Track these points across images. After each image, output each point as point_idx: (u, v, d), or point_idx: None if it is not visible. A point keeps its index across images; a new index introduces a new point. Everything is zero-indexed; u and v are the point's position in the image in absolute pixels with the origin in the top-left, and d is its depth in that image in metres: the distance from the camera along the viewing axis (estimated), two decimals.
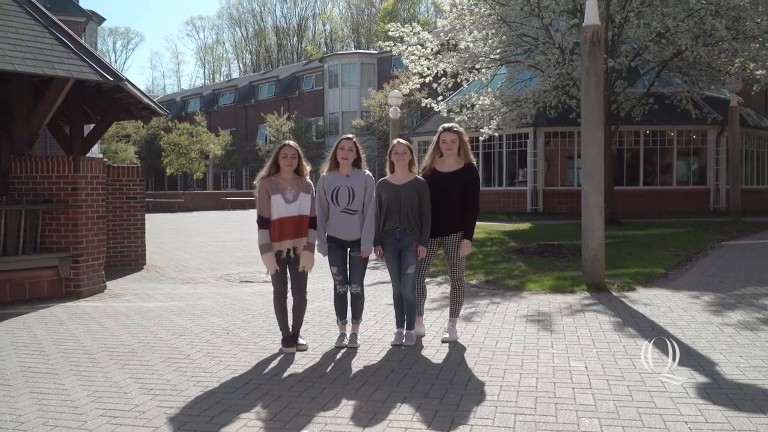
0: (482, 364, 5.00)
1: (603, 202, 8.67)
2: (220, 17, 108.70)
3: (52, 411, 4.06)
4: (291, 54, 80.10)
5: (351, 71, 41.81)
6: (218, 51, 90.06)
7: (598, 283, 8.44)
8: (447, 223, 5.73)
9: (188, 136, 41.41)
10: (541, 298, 7.91)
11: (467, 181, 5.74)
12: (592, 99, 8.61)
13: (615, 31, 16.31)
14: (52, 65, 7.85)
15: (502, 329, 6.21)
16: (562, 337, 5.82)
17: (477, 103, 18.31)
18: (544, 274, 9.45)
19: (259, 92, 50.84)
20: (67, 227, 8.35)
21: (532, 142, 23.88)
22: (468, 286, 8.89)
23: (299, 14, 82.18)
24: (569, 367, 4.87)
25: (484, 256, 11.97)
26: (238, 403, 4.17)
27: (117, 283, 9.71)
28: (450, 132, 5.77)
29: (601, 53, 8.65)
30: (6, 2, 8.33)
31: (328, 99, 42.75)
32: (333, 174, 5.65)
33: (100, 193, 8.74)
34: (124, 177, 11.40)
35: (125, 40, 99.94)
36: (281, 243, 5.43)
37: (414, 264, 5.61)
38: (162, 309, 7.58)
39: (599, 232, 8.61)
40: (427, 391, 4.34)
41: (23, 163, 8.41)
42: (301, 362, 5.16)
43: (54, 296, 8.26)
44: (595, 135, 8.63)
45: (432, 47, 17.87)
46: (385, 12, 70.22)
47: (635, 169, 23.77)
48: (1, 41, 7.63)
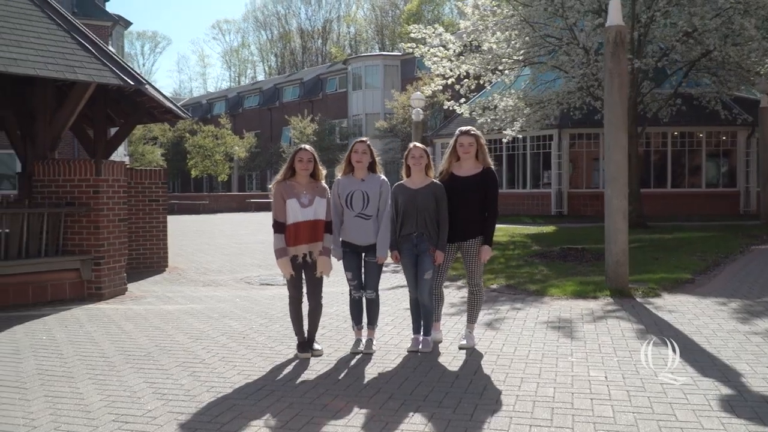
0: (499, 372, 4.91)
1: (627, 206, 8.51)
2: (246, 20, 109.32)
3: (65, 415, 4.06)
4: (315, 56, 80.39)
5: (374, 73, 41.78)
6: (244, 54, 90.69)
7: (622, 289, 8.28)
8: (465, 228, 5.65)
9: (213, 139, 41.69)
10: (562, 303, 7.78)
11: (486, 185, 5.65)
12: (616, 101, 8.45)
13: (641, 31, 16.07)
14: (74, 70, 7.92)
15: (521, 336, 6.10)
16: (583, 345, 5.70)
17: (500, 105, 18.15)
18: (567, 279, 9.30)
19: (284, 94, 51.06)
20: (89, 230, 8.42)
21: (557, 143, 23.63)
22: (488, 291, 8.79)
23: (324, 17, 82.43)
24: (588, 376, 4.76)
25: (506, 259, 11.83)
26: (249, 410, 4.13)
27: (138, 285, 9.76)
28: (467, 135, 5.69)
29: (625, 54, 8.50)
30: (29, 7, 8.42)
31: (352, 101, 42.78)
32: (347, 178, 5.60)
33: (122, 196, 8.79)
34: (147, 180, 11.47)
35: (153, 43, 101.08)
36: (296, 247, 5.39)
37: (431, 269, 5.54)
38: (181, 312, 7.59)
39: (623, 237, 8.45)
40: (441, 400, 4.26)
41: (46, 166, 8.49)
42: (315, 368, 5.11)
43: (76, 298, 8.32)
44: (618, 138, 8.47)
45: (454, 49, 17.76)
46: (409, 14, 70.14)
47: (663, 171, 23.41)
48: (23, 46, 7.71)
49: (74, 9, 26.35)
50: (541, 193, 24.57)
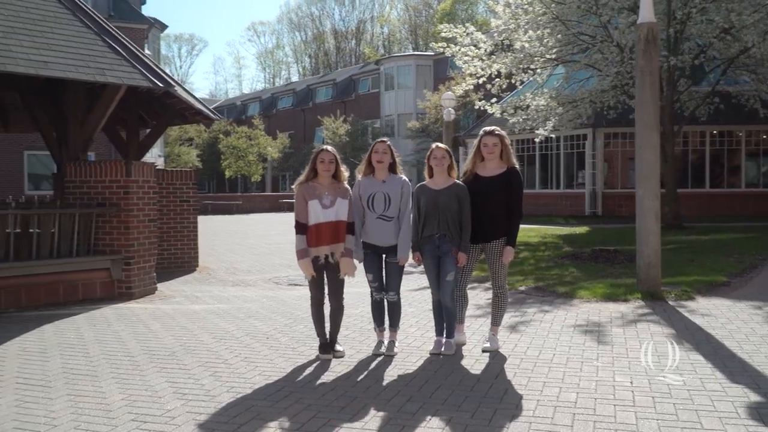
0: (521, 376, 4.83)
1: (659, 207, 8.31)
2: (280, 22, 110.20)
3: (85, 414, 4.10)
4: (349, 57, 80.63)
5: (407, 73, 41.72)
6: (278, 55, 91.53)
7: (654, 292, 8.10)
8: (489, 228, 5.57)
9: (246, 140, 42.07)
10: (591, 306, 7.64)
11: (510, 185, 5.57)
12: (647, 99, 8.28)
13: (677, 27, 15.73)
14: (104, 72, 8.03)
15: (546, 339, 6.00)
16: (610, 349, 5.58)
17: (531, 104, 17.94)
18: (597, 281, 9.13)
19: (317, 95, 51.32)
20: (119, 230, 8.53)
21: (591, 143, 23.28)
22: (516, 293, 8.69)
23: (357, 17, 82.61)
24: (613, 381, 4.65)
25: (536, 261, 11.68)
26: (267, 411, 4.13)
27: (169, 285, 9.87)
28: (491, 135, 5.61)
29: (657, 52, 8.31)
30: (60, 11, 8.57)
31: (384, 101, 42.78)
32: (368, 179, 5.56)
33: (152, 196, 8.89)
34: (178, 180, 11.61)
35: (190, 46, 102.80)
36: (318, 248, 5.38)
37: (453, 271, 5.47)
38: (207, 311, 7.64)
39: (655, 238, 8.26)
40: (460, 404, 4.20)
41: (78, 167, 8.63)
42: (336, 369, 5.09)
43: (106, 297, 8.45)
44: (650, 137, 8.30)
45: (485, 48, 17.60)
46: (442, 13, 69.86)
47: (701, 170, 22.91)
48: (54, 49, 7.84)
49: (110, 12, 26.83)
50: (574, 193, 24.24)
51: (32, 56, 7.55)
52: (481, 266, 6.30)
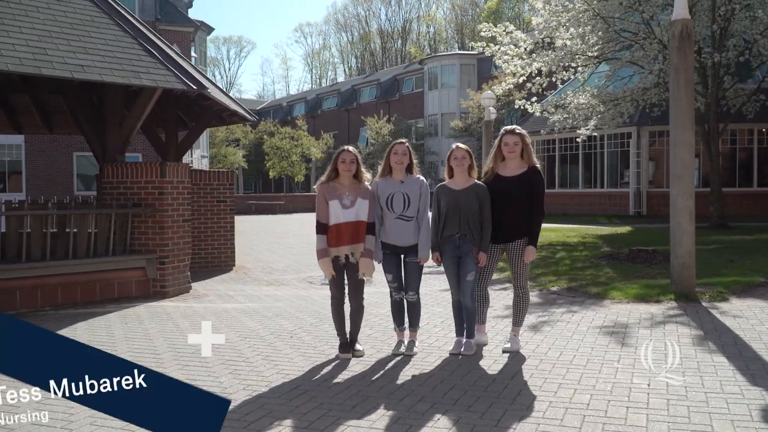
0: (538, 377, 4.79)
1: (693, 206, 8.12)
2: (327, 23, 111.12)
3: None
4: (395, 57, 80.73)
5: (450, 72, 41.57)
6: (325, 56, 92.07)
7: (688, 293, 7.92)
8: (510, 228, 5.55)
9: (289, 140, 42.55)
10: (622, 307, 7.51)
11: (531, 185, 5.53)
12: (681, 97, 8.09)
13: (721, 24, 15.31)
14: (139, 75, 8.25)
15: (570, 340, 5.93)
16: (633, 351, 5.48)
17: (571, 103, 17.69)
18: (631, 282, 8.97)
19: (361, 95, 51.56)
20: (154, 230, 8.75)
21: (635, 141, 22.84)
22: (548, 293, 8.61)
23: (403, 17, 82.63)
24: (630, 383, 4.58)
25: (571, 261, 11.52)
26: (279, 409, 4.19)
27: (205, 284, 10.07)
28: (512, 134, 5.58)
29: (692, 49, 8.12)
30: (97, 15, 8.83)
31: (428, 101, 42.72)
32: (386, 180, 5.59)
33: (186, 197, 9.09)
34: (215, 181, 11.83)
35: (238, 48, 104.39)
36: (338, 248, 5.43)
37: (474, 271, 5.46)
38: (237, 310, 7.78)
39: (689, 239, 8.07)
40: (471, 405, 4.20)
41: (115, 168, 8.88)
42: (353, 369, 5.13)
43: (141, 296, 8.67)
44: (684, 136, 8.11)
45: (525, 46, 17.43)
46: (489, 12, 69.31)
47: (749, 169, 22.25)
48: (90, 53, 8.09)
49: (157, 16, 27.48)
50: (619, 192, 23.81)
51: (68, 60, 7.80)
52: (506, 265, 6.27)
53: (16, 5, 8.21)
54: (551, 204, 26.09)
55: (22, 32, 7.83)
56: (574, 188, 25.47)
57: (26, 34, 7.84)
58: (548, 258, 12.10)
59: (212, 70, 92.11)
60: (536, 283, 9.34)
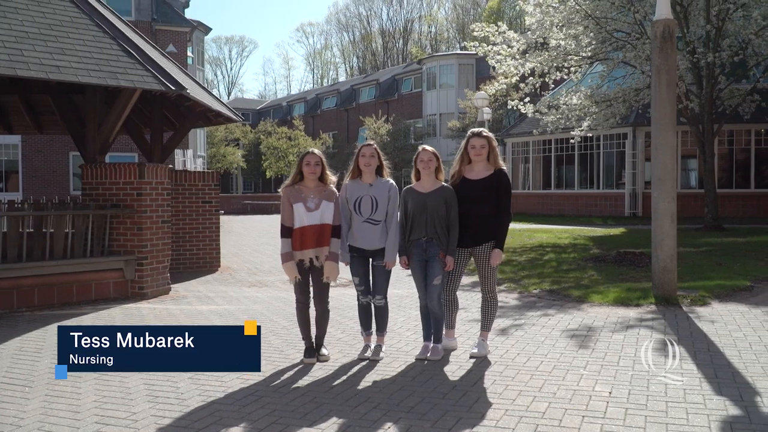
0: (499, 384, 4.71)
1: (675, 209, 8.03)
2: (329, 23, 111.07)
3: (53, 416, 4.17)
4: (396, 57, 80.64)
5: (449, 72, 41.45)
6: (326, 56, 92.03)
7: (669, 296, 7.83)
8: (478, 232, 5.47)
9: (286, 140, 42.49)
10: (599, 311, 7.42)
11: (498, 187, 5.45)
12: (663, 99, 8.00)
13: (716, 24, 15.19)
14: (116, 76, 8.19)
15: (541, 345, 5.85)
16: (602, 357, 5.40)
17: (563, 104, 17.59)
18: (614, 285, 8.88)
19: (360, 95, 51.48)
20: (133, 231, 8.69)
21: (631, 142, 22.73)
22: (528, 296, 8.53)
23: (405, 17, 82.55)
24: (592, 391, 4.50)
25: (557, 263, 11.44)
26: (230, 415, 4.13)
27: (186, 285, 10.01)
28: (479, 137, 5.51)
29: (674, 50, 8.02)
30: (77, 15, 8.77)
31: (426, 101, 42.62)
32: (356, 182, 5.52)
33: (165, 198, 9.03)
34: (200, 181, 11.77)
35: (240, 47, 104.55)
36: (303, 252, 5.36)
37: (440, 275, 5.39)
38: (212, 312, 7.72)
39: (670, 242, 7.98)
40: (426, 412, 4.12)
41: (94, 169, 8.83)
42: (315, 374, 5.06)
43: (119, 297, 8.61)
44: (666, 138, 8.01)
45: (518, 46, 17.33)
46: (490, 11, 69.13)
47: (746, 170, 22.11)
48: (68, 53, 8.03)
49: (154, 16, 27.44)
50: (614, 193, 23.69)
51: (45, 61, 7.75)
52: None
53: None
54: (547, 205, 26.08)
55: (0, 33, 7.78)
56: (570, 189, 25.37)
57: (3, 36, 7.78)
58: (536, 260, 12.02)
59: (214, 69, 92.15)
60: (518, 285, 9.28)
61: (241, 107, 66.78)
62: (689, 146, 21.46)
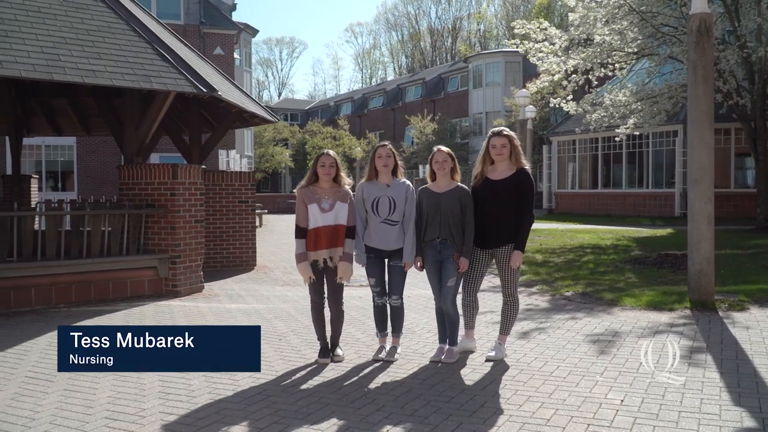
0: (509, 389, 4.64)
1: (712, 211, 7.76)
2: (377, 22, 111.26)
3: (66, 410, 4.29)
4: (445, 55, 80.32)
5: (495, 70, 41.00)
6: (375, 55, 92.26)
7: (705, 301, 7.58)
8: (499, 233, 5.38)
9: (331, 140, 42.71)
10: (630, 315, 7.23)
11: (519, 187, 5.36)
12: (699, 95, 7.74)
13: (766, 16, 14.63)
14: (149, 79, 8.37)
15: (561, 350, 5.73)
16: (622, 363, 5.26)
17: (607, 101, 17.21)
18: (650, 288, 8.65)
19: (407, 95, 51.40)
20: (166, 230, 8.88)
21: (681, 140, 22.07)
22: (560, 298, 8.38)
23: (454, 15, 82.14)
24: (604, 398, 4.38)
25: (595, 265, 11.20)
26: (234, 414, 4.17)
27: (222, 284, 10.17)
28: (499, 136, 5.42)
29: (711, 44, 7.75)
30: (114, 21, 9.00)
31: (472, 99, 42.25)
32: (372, 183, 5.52)
33: (199, 198, 9.19)
34: (236, 182, 11.94)
35: (290, 49, 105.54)
36: (317, 252, 5.38)
37: (454, 277, 5.33)
38: (239, 311, 7.82)
39: (706, 244, 7.72)
40: (428, 416, 4.09)
41: (130, 170, 9.05)
42: (326, 374, 5.07)
43: (154, 295, 8.81)
44: (703, 135, 7.75)
45: (560, 43, 17.02)
46: (539, 8, 68.16)
47: None
48: (103, 58, 8.25)
49: (202, 20, 27.98)
50: (664, 193, 23.07)
51: (80, 65, 7.97)
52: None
53: (35, 14, 8.44)
54: (594, 205, 25.55)
55: (38, 39, 8.04)
56: (618, 188, 24.82)
57: (42, 42, 8.04)
58: (573, 261, 11.80)
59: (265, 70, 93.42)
60: (551, 287, 9.12)
61: (289, 107, 67.58)
62: (743, 144, 20.72)
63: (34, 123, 14.19)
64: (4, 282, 7.77)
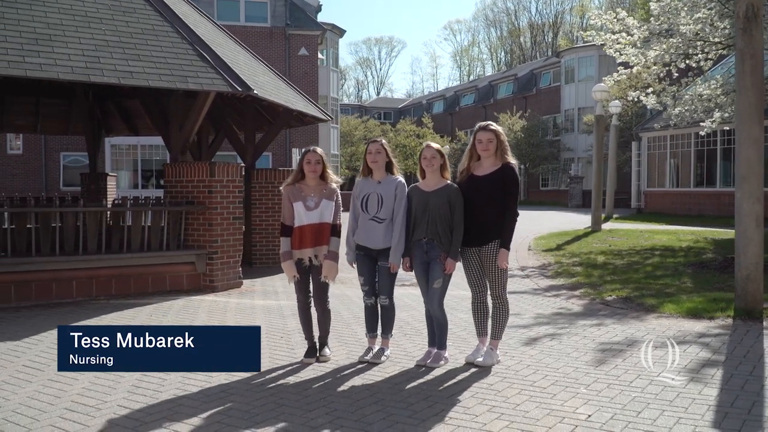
0: (477, 397, 4.40)
1: (761, 211, 7.12)
2: (476, 19, 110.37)
3: (35, 399, 4.44)
4: (546, 50, 78.43)
5: (588, 65, 39.53)
6: (473, 52, 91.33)
7: (751, 309, 6.97)
8: (483, 230, 5.13)
9: (414, 138, 42.62)
10: (663, 323, 6.74)
11: (503, 182, 5.09)
12: (748, 86, 7.11)
13: None
14: (186, 79, 8.59)
15: (561, 358, 5.40)
16: (618, 375, 4.88)
17: (687, 95, 16.17)
18: (699, 294, 8.05)
19: (498, 91, 50.49)
20: (204, 227, 9.10)
21: None
22: (599, 302, 7.95)
23: (555, 9, 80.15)
24: (573, 413, 4.07)
25: (654, 268, 10.55)
26: (184, 411, 4.18)
27: (264, 280, 10.32)
28: (485, 131, 5.18)
29: (760, 31, 7.09)
30: (159, 24, 9.31)
31: (564, 95, 40.92)
32: (365, 180, 5.42)
33: (237, 196, 9.36)
34: (285, 180, 12.07)
35: (389, 48, 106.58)
36: (302, 251, 5.33)
37: (440, 278, 5.13)
38: (264, 307, 7.89)
39: (755, 248, 7.10)
40: (374, 422, 3.94)
41: (173, 168, 9.35)
42: (302, 375, 5.01)
43: (192, 289, 9.04)
44: (751, 130, 7.14)
45: (639, 34, 16.15)
46: None
47: None
48: (143, 59, 8.54)
49: (287, 22, 28.65)
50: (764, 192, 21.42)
51: (119, 67, 8.29)
52: None
53: (81, 18, 8.86)
54: (686, 204, 24.11)
55: (81, 43, 8.43)
56: (711, 187, 23.33)
57: (84, 45, 8.42)
58: (635, 263, 11.17)
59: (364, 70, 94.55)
60: (595, 291, 8.67)
61: (383, 106, 68.08)
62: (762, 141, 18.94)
63: (113, 124, 14.94)
64: (47, 274, 8.19)
